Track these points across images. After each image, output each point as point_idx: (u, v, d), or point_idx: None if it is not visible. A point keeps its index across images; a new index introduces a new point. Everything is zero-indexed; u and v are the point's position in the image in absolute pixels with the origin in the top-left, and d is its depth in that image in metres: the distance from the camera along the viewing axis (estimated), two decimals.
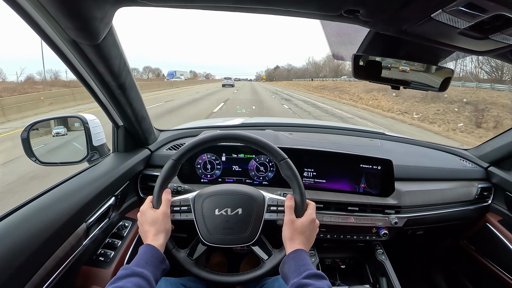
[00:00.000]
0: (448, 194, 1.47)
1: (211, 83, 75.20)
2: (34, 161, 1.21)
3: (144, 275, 0.74)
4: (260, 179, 1.40)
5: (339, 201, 1.32)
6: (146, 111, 1.29)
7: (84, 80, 0.99)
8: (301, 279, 0.76)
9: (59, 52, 0.84)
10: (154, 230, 0.87)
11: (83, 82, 1.00)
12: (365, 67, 1.00)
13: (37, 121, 1.23)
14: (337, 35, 1.01)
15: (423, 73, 1.03)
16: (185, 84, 55.16)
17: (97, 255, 1.11)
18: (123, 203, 1.27)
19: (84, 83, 1.00)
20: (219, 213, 0.92)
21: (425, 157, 1.61)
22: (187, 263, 0.96)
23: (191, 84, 59.02)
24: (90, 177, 1.09)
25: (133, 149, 1.38)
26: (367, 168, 1.32)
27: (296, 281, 0.76)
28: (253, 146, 0.94)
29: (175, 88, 38.33)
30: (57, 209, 0.88)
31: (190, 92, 29.21)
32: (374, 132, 1.91)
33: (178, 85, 44.71)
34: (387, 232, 1.36)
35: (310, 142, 1.54)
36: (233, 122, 2.04)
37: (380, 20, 0.75)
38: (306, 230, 0.89)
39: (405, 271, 1.60)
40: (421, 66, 1.02)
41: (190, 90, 34.09)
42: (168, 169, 0.93)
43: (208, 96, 22.98)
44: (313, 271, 0.78)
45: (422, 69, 1.03)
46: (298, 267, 0.80)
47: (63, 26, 0.69)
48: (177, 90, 33.62)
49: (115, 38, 0.85)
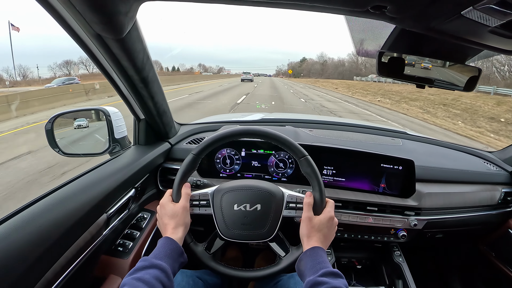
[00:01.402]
0: (470, 197, 1.43)
1: (218, 80, 57.58)
2: (58, 152, 1.24)
3: (163, 267, 0.75)
4: (279, 175, 1.39)
5: (358, 200, 1.31)
6: (168, 105, 1.31)
7: (107, 74, 1.01)
8: (317, 277, 0.75)
9: (84, 46, 0.86)
10: (174, 223, 0.88)
11: (107, 75, 1.01)
12: (388, 64, 0.98)
13: (61, 113, 1.26)
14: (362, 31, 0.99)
15: (447, 71, 1.01)
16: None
17: (116, 245, 1.13)
18: (142, 195, 1.29)
19: (108, 76, 1.02)
20: (238, 209, 0.92)
21: (447, 158, 1.56)
22: (204, 257, 0.97)
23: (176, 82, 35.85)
24: (112, 169, 1.11)
25: (153, 142, 1.40)
26: (388, 168, 1.30)
27: (312, 278, 0.75)
28: (274, 142, 0.94)
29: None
30: (79, 200, 0.90)
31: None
32: (396, 131, 1.87)
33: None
34: (406, 234, 1.33)
35: (330, 140, 1.52)
36: (253, 117, 2.04)
37: (408, 17, 0.73)
38: (323, 228, 0.88)
39: (422, 274, 1.57)
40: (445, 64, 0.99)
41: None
42: (188, 163, 0.93)
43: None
44: (329, 269, 0.77)
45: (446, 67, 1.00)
46: (315, 265, 0.79)
47: (89, 20, 0.70)
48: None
49: (139, 33, 0.85)
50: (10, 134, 8.12)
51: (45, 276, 0.74)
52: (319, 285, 0.73)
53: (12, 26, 48.43)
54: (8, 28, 46.88)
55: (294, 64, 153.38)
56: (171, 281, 0.75)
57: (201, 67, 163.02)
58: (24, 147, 6.19)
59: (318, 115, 9.41)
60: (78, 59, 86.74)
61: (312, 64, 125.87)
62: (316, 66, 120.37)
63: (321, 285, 0.73)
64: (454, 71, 1.01)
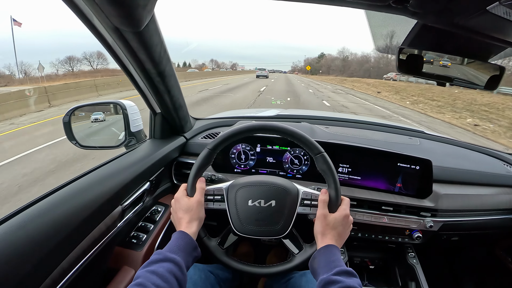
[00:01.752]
0: (488, 200, 1.39)
1: (227, 77, 47.63)
2: (75, 144, 1.26)
3: (177, 261, 0.75)
4: (293, 172, 1.38)
5: (373, 199, 1.28)
6: (184, 99, 1.31)
7: (125, 67, 1.01)
8: (331, 275, 0.74)
9: (102, 39, 0.86)
10: (188, 217, 0.88)
11: (124, 69, 1.02)
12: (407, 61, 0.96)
13: (78, 106, 1.28)
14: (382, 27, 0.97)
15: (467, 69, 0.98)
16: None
17: (130, 237, 1.15)
18: (157, 188, 1.30)
19: (125, 70, 1.03)
20: (252, 204, 0.91)
21: (466, 159, 1.52)
22: (218, 252, 0.97)
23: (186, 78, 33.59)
24: (127, 162, 1.12)
25: (169, 136, 1.41)
26: (405, 168, 1.27)
27: (326, 277, 0.74)
28: (290, 138, 0.93)
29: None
30: (95, 192, 0.91)
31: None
32: (413, 130, 1.83)
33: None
34: (421, 235, 1.30)
35: (346, 137, 1.50)
36: (268, 113, 2.03)
37: (430, 12, 0.71)
38: (338, 226, 0.87)
39: (435, 277, 1.53)
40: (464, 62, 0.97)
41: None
42: (203, 158, 0.93)
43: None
44: (343, 268, 0.76)
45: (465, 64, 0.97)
46: (329, 263, 0.79)
47: (107, 14, 0.71)
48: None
49: (156, 26, 0.85)
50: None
51: (60, 265, 0.75)
52: (333, 284, 0.72)
53: (14, 21, 48.05)
54: (10, 23, 46.53)
55: (311, 60, 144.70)
56: (184, 275, 0.76)
57: (213, 63, 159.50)
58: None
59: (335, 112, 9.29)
60: (82, 54, 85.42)
61: (332, 60, 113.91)
62: (336, 62, 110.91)
63: (335, 284, 0.72)
64: (474, 69, 0.98)
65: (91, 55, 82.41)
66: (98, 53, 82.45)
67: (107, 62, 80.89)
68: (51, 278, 0.73)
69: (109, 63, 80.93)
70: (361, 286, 0.73)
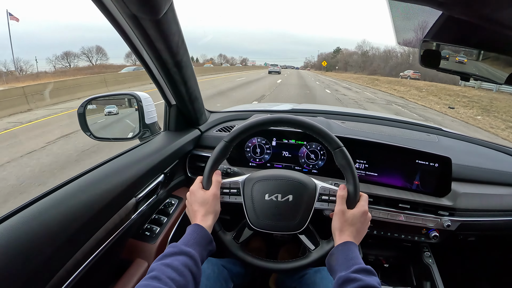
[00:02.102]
0: (509, 200, 1.35)
1: (235, 73, 41.93)
2: (89, 135, 1.26)
3: (192, 254, 0.74)
4: (309, 167, 1.36)
5: (390, 196, 1.26)
6: (199, 91, 1.30)
7: (141, 57, 1.00)
8: (349, 273, 0.72)
9: (119, 27, 0.85)
10: (204, 210, 0.87)
11: (140, 59, 1.01)
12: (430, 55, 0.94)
13: (93, 98, 1.29)
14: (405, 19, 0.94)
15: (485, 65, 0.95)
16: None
17: (144, 229, 1.15)
18: (171, 181, 1.30)
19: (141, 60, 1.02)
20: (269, 198, 0.90)
21: (486, 158, 1.48)
22: (233, 246, 0.96)
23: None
24: (142, 154, 1.11)
25: (183, 129, 1.40)
26: (423, 165, 1.24)
27: (344, 274, 0.73)
28: (308, 131, 0.91)
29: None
30: (110, 183, 0.91)
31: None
32: (431, 127, 1.79)
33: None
34: (438, 234, 1.27)
35: (363, 133, 1.48)
36: (283, 107, 2.01)
37: (458, 2, 0.68)
38: (357, 222, 0.85)
39: (451, 278, 1.51)
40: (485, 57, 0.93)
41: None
42: (220, 151, 0.92)
43: None
44: (362, 266, 0.74)
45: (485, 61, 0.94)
46: (347, 260, 0.77)
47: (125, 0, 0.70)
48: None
49: (175, 14, 0.84)
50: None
51: (74, 256, 0.76)
52: (352, 282, 0.70)
53: (11, 15, 47.02)
54: (7, 18, 45.57)
55: (326, 56, 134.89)
56: (199, 268, 0.75)
57: (222, 57, 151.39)
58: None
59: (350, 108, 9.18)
60: (80, 49, 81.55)
61: (349, 55, 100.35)
62: (354, 57, 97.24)
63: (353, 282, 0.70)
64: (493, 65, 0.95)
65: (89, 50, 79.31)
66: (97, 48, 79.56)
67: (106, 57, 77.88)
68: (65, 269, 0.73)
69: (109, 58, 77.99)
70: (380, 285, 0.71)
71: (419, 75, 35.29)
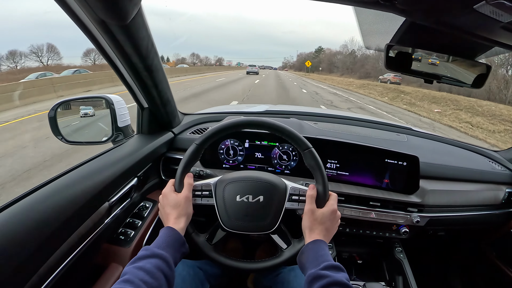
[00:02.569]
0: (474, 196, 1.42)
1: (202, 75, 33.51)
2: (61, 139, 1.24)
3: (164, 257, 0.75)
4: (282, 167, 1.38)
5: (361, 195, 1.30)
6: (172, 94, 1.29)
7: (111, 61, 1.00)
8: (319, 270, 0.75)
9: (88, 32, 0.85)
10: (176, 213, 0.88)
11: (110, 63, 1.00)
12: (396, 58, 0.97)
13: (64, 101, 1.26)
14: (371, 24, 0.97)
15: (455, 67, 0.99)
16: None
17: (118, 233, 1.14)
18: (145, 184, 1.29)
19: (112, 64, 1.01)
20: (240, 200, 0.91)
21: (452, 156, 1.55)
22: (206, 247, 0.96)
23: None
24: (114, 157, 1.10)
25: (157, 132, 1.39)
26: (392, 164, 1.29)
27: (314, 271, 0.75)
28: (278, 133, 0.93)
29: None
30: (81, 187, 0.89)
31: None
32: (401, 126, 1.85)
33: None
34: (408, 230, 1.33)
35: (335, 133, 1.51)
36: (257, 108, 2.02)
37: (419, 9, 0.71)
38: (326, 221, 0.88)
39: (422, 271, 1.57)
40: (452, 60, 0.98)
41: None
42: (191, 153, 0.93)
43: None
44: (331, 263, 0.77)
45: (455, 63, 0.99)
46: (317, 258, 0.79)
47: (92, 6, 0.69)
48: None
49: (143, 19, 0.84)
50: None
51: (46, 263, 0.74)
52: (321, 278, 0.72)
53: None
54: None
55: (306, 55, 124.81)
56: (172, 271, 0.75)
57: (194, 57, 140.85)
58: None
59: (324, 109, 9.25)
60: (29, 48, 67.72)
61: (333, 55, 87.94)
62: (338, 57, 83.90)
63: (322, 278, 0.72)
64: (462, 67, 1.00)
65: (38, 48, 67.02)
66: (49, 45, 67.56)
67: (59, 56, 70.27)
68: (37, 275, 0.72)
69: (62, 58, 70.88)
70: (348, 280, 0.74)
71: (400, 79, 29.75)
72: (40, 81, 13.66)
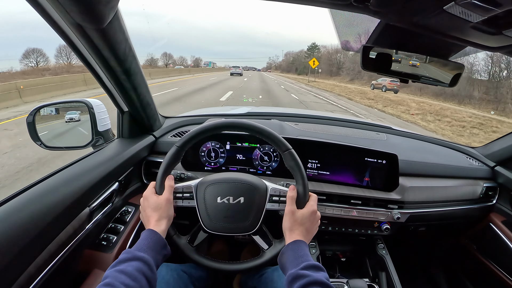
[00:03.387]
0: (453, 191, 1.46)
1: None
2: (40, 145, 1.21)
3: (145, 259, 0.74)
4: (263, 168, 1.39)
5: (342, 193, 1.32)
6: (152, 97, 1.29)
7: (89, 65, 0.99)
8: (298, 270, 0.76)
9: (64, 35, 0.84)
10: (157, 215, 0.88)
11: (88, 66, 1.00)
12: (375, 60, 0.99)
13: (42, 105, 1.24)
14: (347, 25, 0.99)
15: (434, 68, 1.02)
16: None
17: (100, 239, 1.12)
18: (126, 188, 1.27)
19: (90, 67, 1.00)
20: (221, 201, 0.92)
21: (431, 153, 1.59)
22: (187, 249, 0.96)
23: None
24: (95, 162, 1.09)
25: (137, 135, 1.38)
26: (372, 162, 1.31)
27: (294, 271, 0.76)
28: (258, 135, 0.94)
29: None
30: (60, 193, 0.88)
31: None
32: (381, 126, 1.89)
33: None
34: (389, 227, 1.35)
35: (315, 134, 1.53)
36: (239, 111, 2.03)
37: (391, 11, 0.73)
38: (306, 222, 0.89)
39: (405, 267, 1.60)
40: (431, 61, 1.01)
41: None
42: (171, 156, 0.93)
43: None
44: (311, 263, 0.78)
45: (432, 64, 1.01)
46: (296, 258, 0.80)
47: (68, 10, 0.69)
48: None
49: (120, 23, 0.84)
50: None
51: (27, 270, 0.73)
52: (301, 278, 0.73)
53: None
54: None
55: (295, 54, 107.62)
56: (154, 273, 0.75)
57: (166, 57, 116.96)
58: None
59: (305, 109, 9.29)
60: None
61: (331, 54, 69.41)
62: (339, 56, 65.31)
63: (302, 278, 0.73)
64: (440, 68, 1.02)
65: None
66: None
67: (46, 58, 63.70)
68: (17, 284, 0.71)
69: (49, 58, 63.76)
70: (328, 279, 0.75)
71: (398, 85, 23.78)
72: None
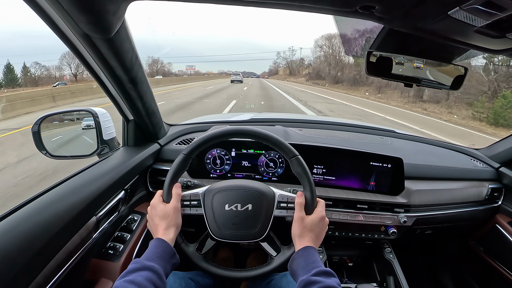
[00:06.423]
0: (458, 194, 1.46)
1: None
2: (45, 154, 1.22)
3: (155, 269, 0.74)
4: (269, 175, 1.39)
5: (348, 198, 1.32)
6: (157, 105, 1.29)
7: (95, 74, 1.00)
8: (310, 276, 0.75)
9: (71, 45, 0.85)
10: (165, 224, 0.87)
11: (95, 76, 1.00)
12: (377, 64, 1.00)
13: (48, 115, 1.25)
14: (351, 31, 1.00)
15: (436, 71, 1.03)
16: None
17: (107, 248, 1.12)
18: (132, 197, 1.27)
19: (96, 77, 1.01)
20: (229, 209, 0.92)
21: (435, 156, 1.59)
22: (196, 257, 0.96)
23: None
24: (100, 171, 1.09)
25: (142, 144, 1.39)
26: (377, 166, 1.31)
27: (305, 278, 0.76)
28: (264, 142, 0.94)
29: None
30: (67, 203, 0.88)
31: None
32: (385, 129, 1.89)
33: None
34: (396, 230, 1.35)
35: (320, 139, 1.53)
36: (243, 117, 2.04)
37: (396, 17, 0.74)
38: (315, 228, 0.89)
39: (412, 270, 1.59)
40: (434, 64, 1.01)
41: None
42: (178, 164, 0.93)
43: None
44: (322, 268, 0.78)
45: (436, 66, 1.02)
46: (307, 264, 0.80)
47: (76, 20, 0.69)
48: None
49: (127, 32, 0.84)
50: None
51: (35, 280, 0.73)
52: (312, 284, 0.73)
53: None
54: None
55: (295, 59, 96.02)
56: (163, 282, 0.75)
57: (158, 65, 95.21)
58: None
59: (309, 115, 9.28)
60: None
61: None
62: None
63: (314, 284, 0.73)
64: (443, 70, 1.03)
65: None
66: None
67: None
68: None
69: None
70: (340, 285, 0.75)
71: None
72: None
